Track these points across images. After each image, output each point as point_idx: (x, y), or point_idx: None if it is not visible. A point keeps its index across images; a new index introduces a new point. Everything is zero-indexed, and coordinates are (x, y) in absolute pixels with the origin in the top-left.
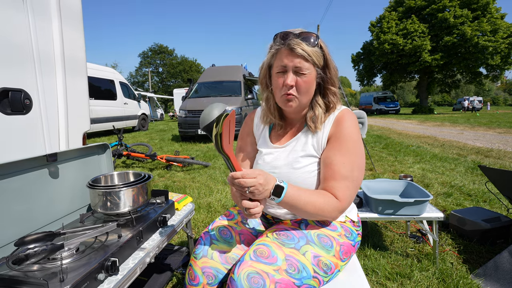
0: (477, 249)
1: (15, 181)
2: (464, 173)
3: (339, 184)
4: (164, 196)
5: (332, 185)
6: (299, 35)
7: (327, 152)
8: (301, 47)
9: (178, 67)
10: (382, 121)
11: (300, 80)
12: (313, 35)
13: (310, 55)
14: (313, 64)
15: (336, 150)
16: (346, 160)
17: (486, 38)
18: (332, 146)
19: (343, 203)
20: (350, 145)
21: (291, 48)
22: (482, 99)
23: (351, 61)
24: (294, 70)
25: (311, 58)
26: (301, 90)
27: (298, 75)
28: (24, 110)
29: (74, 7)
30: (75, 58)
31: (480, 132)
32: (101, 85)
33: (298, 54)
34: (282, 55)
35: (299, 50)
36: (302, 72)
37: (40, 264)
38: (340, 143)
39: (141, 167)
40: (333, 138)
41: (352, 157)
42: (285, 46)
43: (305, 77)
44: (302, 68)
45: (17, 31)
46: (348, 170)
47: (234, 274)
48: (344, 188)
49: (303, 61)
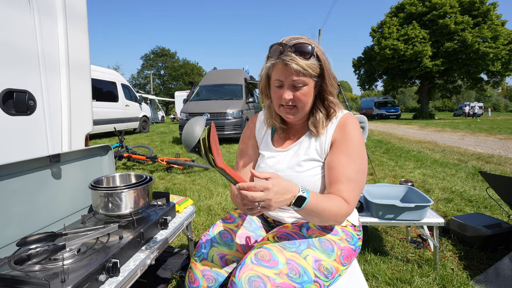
0: (478, 255)
1: (18, 181)
2: (465, 179)
3: (345, 187)
4: (165, 198)
5: (339, 188)
6: (294, 47)
7: (332, 156)
8: (296, 62)
9: (180, 70)
10: (383, 126)
11: (298, 93)
12: (309, 45)
13: (305, 69)
14: (309, 76)
15: (340, 154)
16: (351, 163)
17: (487, 44)
18: (337, 150)
19: (351, 206)
20: (354, 148)
21: (286, 64)
22: (483, 105)
23: (352, 66)
24: (291, 85)
25: (307, 72)
26: (300, 103)
27: (295, 89)
28: (28, 111)
29: (79, 9)
30: (79, 60)
31: (481, 138)
32: (103, 87)
33: (293, 69)
34: (278, 70)
35: (294, 65)
36: (299, 86)
37: (42, 264)
38: (344, 146)
39: (142, 169)
40: (337, 142)
41: (357, 159)
42: (279, 61)
43: (302, 90)
44: (298, 82)
45: (23, 33)
46: (354, 172)
47: (235, 278)
48: (351, 190)
49: (299, 76)
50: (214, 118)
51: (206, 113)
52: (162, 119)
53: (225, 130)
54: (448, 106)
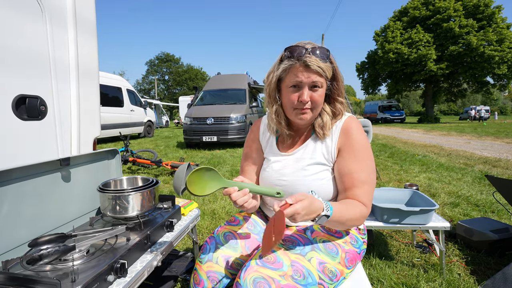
0: (485, 260)
1: (30, 184)
2: (471, 183)
3: (361, 191)
4: (171, 201)
5: (356, 193)
6: (313, 50)
7: (343, 163)
8: (317, 63)
9: (184, 75)
10: (387, 129)
11: (315, 94)
12: (325, 50)
13: (324, 70)
14: (325, 78)
15: (350, 160)
16: (363, 166)
17: (492, 47)
18: (346, 156)
19: (369, 208)
20: (361, 151)
21: (307, 65)
22: (489, 109)
23: (356, 70)
24: (310, 86)
25: (325, 74)
26: (316, 104)
27: (313, 90)
28: (40, 116)
29: (89, 18)
30: (88, 67)
31: (487, 141)
32: (109, 92)
33: (314, 71)
34: (296, 71)
35: (315, 66)
36: (317, 87)
37: (53, 264)
38: (352, 151)
39: (147, 173)
40: (345, 148)
41: (367, 161)
42: (300, 62)
43: (320, 91)
44: (317, 83)
45: (35, 40)
46: (366, 175)
47: (240, 279)
48: (366, 193)
49: (318, 77)
50: (218, 122)
51: (210, 118)
52: (167, 123)
53: (229, 134)
54: (453, 110)
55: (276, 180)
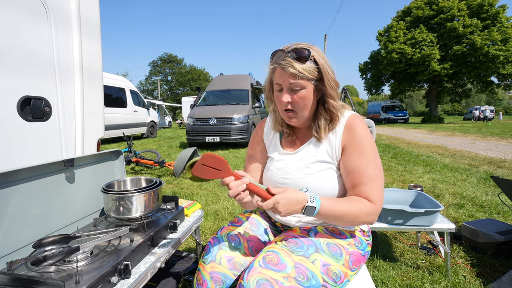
0: (491, 262)
1: (35, 185)
2: (476, 184)
3: (369, 187)
4: (174, 202)
5: (363, 190)
6: (291, 52)
7: (348, 161)
8: (292, 65)
9: (187, 75)
10: (390, 130)
11: (295, 96)
12: (305, 50)
13: (301, 72)
14: (307, 79)
15: (357, 156)
16: (369, 162)
17: (496, 47)
18: (352, 153)
19: (378, 205)
20: (367, 147)
21: (282, 68)
22: (494, 109)
23: (359, 70)
24: (289, 88)
25: (304, 75)
26: (298, 106)
27: (293, 92)
28: (44, 117)
29: (93, 20)
30: (92, 68)
31: (492, 142)
32: (112, 93)
33: (288, 73)
34: (276, 74)
35: (290, 69)
36: (297, 89)
37: (57, 265)
38: (357, 148)
39: (150, 173)
40: (349, 146)
41: (372, 157)
42: (278, 66)
43: (300, 93)
44: (295, 85)
45: (41, 42)
46: (373, 170)
47: (243, 280)
48: (375, 189)
49: (295, 79)
50: (221, 123)
51: (213, 118)
52: (169, 124)
53: (232, 135)
54: (457, 110)
55: (280, 178)
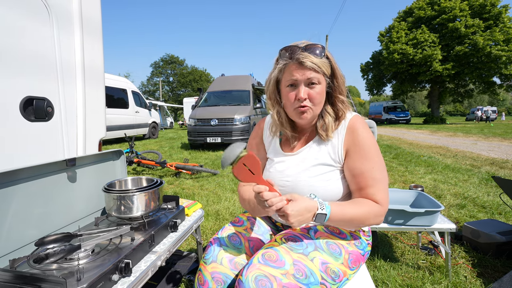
0: (492, 262)
1: (37, 184)
2: (478, 185)
3: (375, 189)
4: (175, 202)
5: (370, 192)
6: (306, 48)
7: (353, 163)
8: (310, 59)
9: (188, 76)
10: (392, 130)
11: (312, 92)
12: (319, 46)
13: (319, 66)
14: (322, 74)
15: (361, 159)
16: (373, 164)
17: (499, 47)
18: (356, 156)
19: (384, 206)
20: (371, 149)
21: (300, 62)
22: (497, 109)
23: (360, 71)
24: (306, 83)
25: (321, 69)
26: (315, 101)
27: (310, 87)
28: (47, 117)
29: (94, 20)
30: (94, 68)
31: (494, 142)
32: (114, 94)
33: (308, 67)
34: (291, 70)
35: (309, 63)
36: (314, 83)
37: (59, 263)
38: (361, 151)
39: (151, 174)
40: (353, 149)
41: (377, 159)
42: (293, 61)
43: (317, 88)
44: (313, 79)
45: (43, 43)
46: (378, 172)
47: (242, 276)
48: (381, 191)
49: (313, 73)
50: (222, 123)
51: (214, 119)
52: (171, 125)
53: (233, 135)
54: (460, 111)
55: (279, 180)
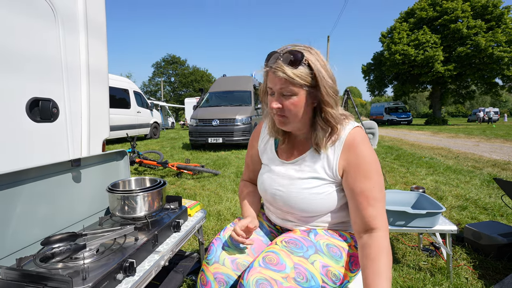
0: (493, 264)
1: (43, 184)
2: (479, 186)
3: (376, 211)
4: (178, 202)
5: (371, 214)
6: (284, 55)
7: (352, 182)
8: (283, 70)
9: (190, 77)
10: (393, 131)
11: (286, 102)
12: (298, 53)
13: (292, 77)
14: (299, 86)
15: (361, 178)
16: (374, 183)
17: (501, 48)
18: (355, 175)
19: (386, 231)
20: (371, 167)
21: (273, 72)
22: (499, 110)
23: (362, 72)
24: (279, 93)
25: (295, 81)
26: (289, 112)
27: (284, 98)
28: (52, 118)
29: (99, 22)
30: (99, 69)
31: (496, 144)
32: (116, 94)
33: (278, 78)
34: (268, 78)
35: (280, 73)
36: (288, 95)
37: (64, 262)
38: (362, 170)
39: (153, 174)
40: (352, 168)
41: (377, 177)
42: (269, 69)
43: (291, 99)
44: (285, 90)
45: (49, 45)
46: (378, 191)
47: (243, 280)
48: (380, 211)
49: (286, 84)
50: (223, 124)
51: (216, 119)
52: (172, 125)
53: (234, 136)
54: (461, 112)
55: (273, 189)
